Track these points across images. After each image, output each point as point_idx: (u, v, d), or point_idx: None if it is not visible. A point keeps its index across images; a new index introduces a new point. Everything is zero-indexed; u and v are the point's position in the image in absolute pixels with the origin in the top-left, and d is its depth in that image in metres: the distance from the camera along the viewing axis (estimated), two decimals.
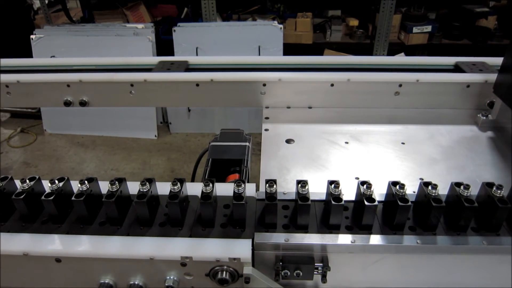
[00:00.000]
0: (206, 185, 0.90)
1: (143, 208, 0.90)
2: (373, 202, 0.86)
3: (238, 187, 0.89)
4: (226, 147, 1.50)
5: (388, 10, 4.18)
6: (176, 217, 0.92)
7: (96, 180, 0.97)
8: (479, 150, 1.36)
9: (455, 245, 0.90)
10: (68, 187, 0.97)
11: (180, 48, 3.89)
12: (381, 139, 1.41)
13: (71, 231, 0.94)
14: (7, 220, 0.97)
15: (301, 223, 0.90)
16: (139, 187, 0.92)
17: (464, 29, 4.60)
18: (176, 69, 1.64)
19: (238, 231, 0.91)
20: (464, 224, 0.90)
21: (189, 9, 5.00)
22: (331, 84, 1.53)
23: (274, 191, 0.90)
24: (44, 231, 0.94)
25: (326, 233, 0.91)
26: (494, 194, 0.89)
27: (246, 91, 1.57)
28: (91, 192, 0.94)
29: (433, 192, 0.89)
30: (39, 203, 0.93)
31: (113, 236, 0.92)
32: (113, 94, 1.63)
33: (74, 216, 0.96)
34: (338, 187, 0.89)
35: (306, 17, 4.59)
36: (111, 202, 0.90)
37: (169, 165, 3.81)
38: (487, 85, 1.50)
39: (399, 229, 0.91)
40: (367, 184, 0.89)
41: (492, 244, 0.90)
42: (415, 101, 1.56)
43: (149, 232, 0.93)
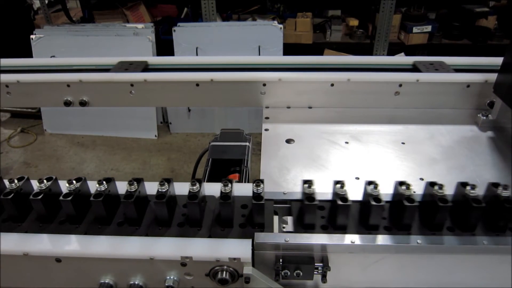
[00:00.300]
0: (193, 184, 0.91)
1: (130, 208, 0.91)
2: (379, 202, 0.86)
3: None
4: (226, 147, 1.50)
5: (388, 10, 4.18)
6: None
7: (85, 179, 0.97)
8: (479, 150, 1.36)
9: (455, 245, 0.90)
10: (56, 187, 0.97)
11: (180, 48, 3.90)
12: (381, 139, 1.41)
13: (89, 231, 0.94)
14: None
15: (308, 223, 0.90)
16: (127, 187, 0.92)
17: (464, 29, 4.61)
18: (134, 69, 1.63)
19: (227, 230, 0.92)
20: (471, 224, 0.90)
21: (189, 9, 5.00)
22: (331, 84, 1.53)
23: (261, 190, 0.90)
24: (48, 231, 0.94)
25: (327, 233, 0.91)
26: (500, 194, 0.89)
27: (246, 91, 1.57)
28: (79, 192, 0.94)
29: (439, 192, 0.89)
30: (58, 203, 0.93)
31: (124, 237, 0.92)
32: (113, 94, 1.63)
33: (91, 216, 0.96)
34: (343, 187, 0.89)
35: (306, 17, 4.59)
36: (100, 201, 0.90)
37: (169, 165, 3.81)
38: (487, 85, 1.50)
39: (406, 229, 0.91)
40: (374, 184, 0.89)
41: (492, 244, 0.89)
42: (415, 101, 1.56)
43: (167, 233, 0.93)
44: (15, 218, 0.96)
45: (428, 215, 0.92)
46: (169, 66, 1.73)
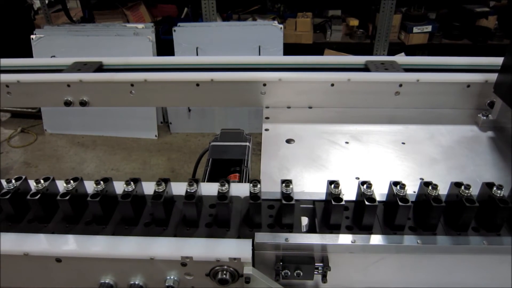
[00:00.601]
0: (190, 185, 0.91)
1: (127, 208, 0.91)
2: (373, 202, 0.86)
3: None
4: (226, 147, 1.50)
5: (388, 10, 4.18)
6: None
7: (81, 179, 0.97)
8: (480, 150, 1.36)
9: (455, 245, 0.90)
10: (54, 187, 0.97)
11: (180, 48, 3.90)
12: (381, 139, 1.41)
13: (85, 231, 0.94)
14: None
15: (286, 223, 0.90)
16: (124, 187, 0.92)
17: (464, 29, 4.60)
18: (86, 70, 1.64)
19: (223, 230, 0.92)
20: (465, 224, 0.90)
21: (189, 9, 5.00)
22: (331, 84, 1.53)
23: (258, 190, 0.90)
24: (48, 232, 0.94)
25: (327, 233, 0.91)
26: (495, 194, 0.89)
27: (246, 91, 1.57)
28: (76, 192, 0.94)
29: (433, 192, 0.89)
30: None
31: (127, 237, 0.92)
32: (113, 94, 1.63)
33: (89, 216, 0.97)
34: (338, 187, 0.89)
35: (306, 17, 4.59)
36: (96, 202, 0.90)
37: (170, 165, 3.81)
38: (487, 85, 1.50)
39: (400, 229, 0.91)
40: (368, 184, 0.89)
41: (492, 244, 0.89)
42: (416, 101, 1.56)
43: (164, 233, 0.93)
44: (13, 218, 0.96)
45: (423, 216, 0.92)
46: (125, 66, 1.73)
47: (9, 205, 0.93)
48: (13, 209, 0.94)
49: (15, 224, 0.96)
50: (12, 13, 4.47)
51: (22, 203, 0.95)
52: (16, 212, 0.95)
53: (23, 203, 0.95)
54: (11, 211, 0.94)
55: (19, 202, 0.95)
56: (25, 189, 0.97)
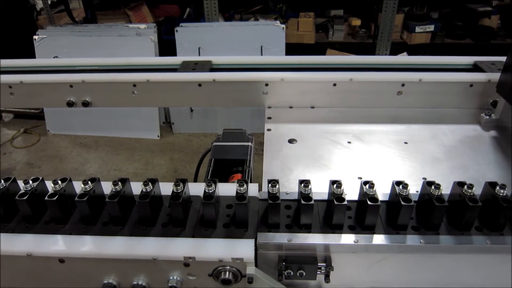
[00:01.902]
0: (209, 185, 0.90)
1: (145, 208, 0.91)
2: (376, 202, 0.86)
3: (240, 187, 0.90)
4: (228, 147, 1.50)
5: (391, 9, 4.17)
6: (178, 217, 0.92)
7: (98, 180, 0.97)
8: (482, 150, 1.35)
9: (458, 244, 0.89)
10: (70, 187, 0.98)
11: (183, 48, 3.90)
12: (383, 139, 1.41)
13: (75, 232, 0.94)
14: (11, 221, 0.97)
15: (304, 223, 0.90)
16: (142, 187, 0.93)
17: (467, 28, 4.59)
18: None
19: (241, 231, 0.91)
20: (468, 224, 0.90)
21: (191, 9, 5.01)
22: (334, 84, 1.53)
23: (277, 191, 0.90)
24: (47, 232, 0.95)
25: (329, 233, 0.91)
26: (498, 194, 0.89)
27: (249, 91, 1.57)
28: (94, 193, 0.94)
29: (436, 191, 0.89)
30: (44, 204, 0.93)
31: (116, 237, 0.93)
32: (115, 95, 1.64)
33: (77, 216, 0.97)
34: (340, 187, 0.89)
35: (308, 17, 4.58)
36: (115, 203, 0.90)
37: (172, 165, 3.81)
38: (490, 85, 1.49)
39: (403, 228, 0.91)
40: (370, 184, 0.89)
41: (496, 244, 0.89)
42: (418, 100, 1.56)
43: (151, 232, 0.93)
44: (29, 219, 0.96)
45: (426, 215, 0.92)
46: (170, 66, 1.72)
47: (27, 206, 0.93)
48: (31, 210, 0.94)
49: (32, 225, 0.96)
50: (14, 13, 4.48)
51: (39, 204, 0.96)
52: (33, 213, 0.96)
53: (40, 204, 0.96)
54: (28, 212, 0.94)
55: (37, 203, 0.95)
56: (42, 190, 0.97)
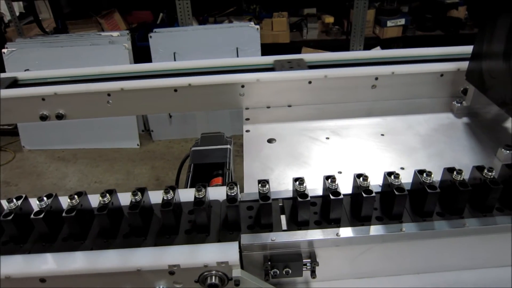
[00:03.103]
0: (199, 190, 0.90)
1: (134, 218, 0.89)
2: (338, 196, 0.88)
3: (230, 189, 0.89)
4: (207, 151, 1.50)
5: (362, 5, 4.24)
6: (170, 225, 0.91)
7: (85, 193, 0.95)
8: (456, 136, 1.39)
9: (444, 229, 0.91)
10: (56, 203, 0.95)
11: (158, 54, 3.87)
12: (361, 132, 1.43)
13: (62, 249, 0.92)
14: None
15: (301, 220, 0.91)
16: (131, 198, 0.91)
17: (436, 20, 4.71)
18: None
19: (228, 234, 0.91)
20: (460, 207, 0.92)
21: (164, 14, 4.97)
22: (309, 82, 1.55)
23: (267, 190, 0.90)
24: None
25: (312, 228, 0.91)
26: (486, 176, 0.91)
27: (225, 94, 1.57)
28: (81, 207, 0.92)
29: (428, 179, 0.91)
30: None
31: (108, 250, 0.91)
32: (90, 105, 1.61)
33: (65, 233, 0.94)
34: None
35: (282, 17, 4.61)
36: (104, 215, 0.88)
37: (154, 173, 3.77)
38: (459, 73, 1.53)
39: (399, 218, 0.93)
40: (332, 178, 0.91)
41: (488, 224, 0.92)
42: (392, 93, 1.59)
43: (144, 243, 0.91)
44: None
45: (417, 202, 0.93)
46: (40, 80, 1.70)
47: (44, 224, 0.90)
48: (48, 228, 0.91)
49: (49, 244, 0.93)
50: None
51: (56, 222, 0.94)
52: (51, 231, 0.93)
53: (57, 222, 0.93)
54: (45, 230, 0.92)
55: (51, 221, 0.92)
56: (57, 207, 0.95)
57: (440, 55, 1.71)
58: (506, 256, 1.01)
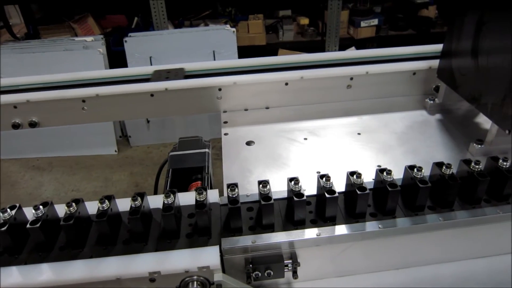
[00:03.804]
0: (167, 196, 0.89)
1: (103, 226, 0.88)
2: (333, 194, 0.89)
3: (199, 195, 0.89)
4: (185, 155, 1.49)
5: (336, 6, 4.30)
6: (139, 232, 0.90)
7: (51, 204, 0.93)
8: (430, 133, 1.43)
9: (415, 225, 0.93)
10: (21, 215, 0.92)
11: (133, 58, 3.81)
12: (338, 132, 1.45)
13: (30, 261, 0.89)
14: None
15: (266, 223, 0.91)
16: (98, 206, 0.89)
17: (408, 20, 4.82)
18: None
19: (204, 239, 0.91)
20: (421, 204, 0.94)
21: (139, 18, 4.91)
22: (286, 83, 1.56)
23: (236, 194, 0.90)
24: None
25: (292, 229, 0.92)
26: (444, 173, 0.94)
27: (202, 97, 1.56)
28: (47, 217, 0.90)
29: (388, 177, 0.92)
30: None
31: (76, 260, 0.89)
32: (64, 112, 1.58)
33: (31, 245, 0.92)
34: (298, 183, 0.90)
35: (257, 19, 4.63)
36: (71, 225, 0.86)
37: (133, 179, 3.71)
38: (431, 71, 1.58)
39: (361, 216, 0.94)
40: (326, 177, 0.92)
41: (448, 219, 0.94)
42: (367, 92, 1.62)
43: (113, 251, 0.90)
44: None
45: (381, 200, 0.95)
46: (121, 78, 1.69)
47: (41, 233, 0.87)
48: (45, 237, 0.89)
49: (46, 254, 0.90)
50: None
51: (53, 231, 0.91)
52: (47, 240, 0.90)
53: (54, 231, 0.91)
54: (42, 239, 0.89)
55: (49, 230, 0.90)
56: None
57: (412, 54, 1.75)
58: (495, 245, 1.05)
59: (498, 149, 1.28)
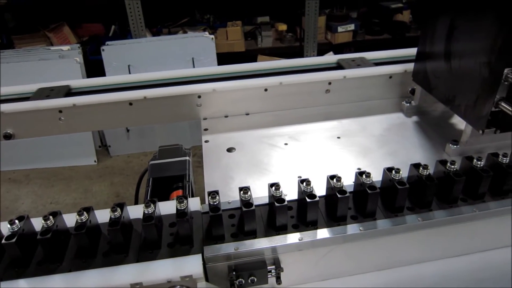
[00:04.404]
0: (147, 206, 0.88)
1: (82, 239, 0.86)
2: (314, 198, 0.89)
3: (180, 203, 0.88)
4: (166, 164, 1.47)
5: (313, 12, 4.36)
6: (119, 243, 0.88)
7: (27, 217, 0.90)
8: (407, 135, 1.46)
9: (395, 226, 0.95)
10: None
11: (111, 67, 3.76)
12: (318, 136, 1.47)
13: (6, 277, 0.86)
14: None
15: (248, 230, 0.91)
16: (77, 218, 0.88)
17: (383, 24, 4.93)
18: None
19: (186, 248, 0.90)
20: (400, 205, 0.96)
21: (116, 27, 4.86)
22: (265, 89, 1.57)
23: (217, 202, 0.89)
24: None
25: (274, 235, 0.92)
26: (422, 174, 0.96)
27: (182, 105, 1.55)
28: (23, 232, 0.87)
29: (367, 180, 0.94)
30: None
31: (54, 275, 0.86)
32: (40, 123, 1.54)
33: (7, 261, 0.89)
34: (278, 188, 0.91)
35: (236, 26, 4.65)
36: (48, 239, 0.84)
37: (113, 189, 3.65)
38: (407, 74, 1.61)
39: (343, 219, 0.95)
40: (306, 181, 0.92)
41: (426, 220, 0.96)
42: (345, 96, 1.64)
43: (93, 264, 0.88)
44: None
45: (361, 202, 0.97)
46: (99, 87, 1.67)
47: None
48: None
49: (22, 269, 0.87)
50: None
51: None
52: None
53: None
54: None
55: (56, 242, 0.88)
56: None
57: (388, 58, 1.79)
58: (473, 243, 1.08)
59: (473, 148, 1.32)
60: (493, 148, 1.31)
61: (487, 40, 1.09)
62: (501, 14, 1.03)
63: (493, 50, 1.08)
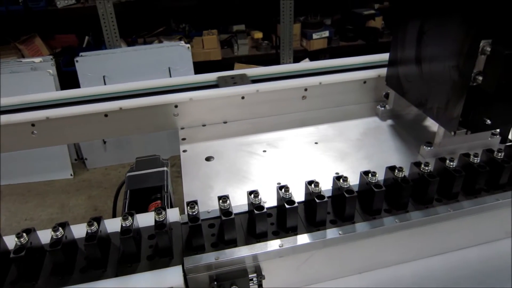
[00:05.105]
0: (125, 219, 0.86)
1: (58, 256, 0.83)
2: (293, 204, 0.90)
3: (158, 215, 0.87)
4: (143, 175, 1.45)
5: (288, 20, 4.41)
6: (97, 258, 0.86)
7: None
8: (383, 138, 1.49)
9: (373, 228, 0.96)
10: None
11: (86, 78, 3.70)
12: (296, 142, 1.48)
13: None
14: None
15: (228, 238, 0.90)
16: (51, 234, 0.85)
17: (357, 31, 5.04)
18: None
19: (166, 260, 0.88)
20: (377, 208, 0.98)
21: (90, 38, 4.79)
22: (242, 97, 1.57)
23: (196, 212, 0.89)
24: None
25: (254, 242, 0.92)
26: (397, 176, 0.98)
27: (158, 115, 1.54)
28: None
29: (345, 184, 0.95)
30: None
31: None
32: (12, 137, 1.50)
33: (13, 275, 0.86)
34: (257, 196, 0.91)
35: (212, 34, 4.65)
36: (21, 257, 0.81)
37: (91, 203, 3.57)
38: (380, 79, 1.65)
39: (322, 224, 0.96)
40: (285, 187, 0.93)
41: (403, 221, 0.98)
42: (322, 102, 1.67)
43: (70, 281, 0.85)
44: None
45: (339, 207, 0.98)
46: (73, 99, 1.63)
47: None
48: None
49: None
50: None
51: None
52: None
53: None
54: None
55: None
56: None
57: (362, 63, 1.83)
58: (449, 242, 1.10)
59: (446, 150, 1.36)
60: (465, 148, 1.35)
61: (455, 44, 1.13)
62: (468, 18, 1.07)
63: (461, 53, 1.12)
